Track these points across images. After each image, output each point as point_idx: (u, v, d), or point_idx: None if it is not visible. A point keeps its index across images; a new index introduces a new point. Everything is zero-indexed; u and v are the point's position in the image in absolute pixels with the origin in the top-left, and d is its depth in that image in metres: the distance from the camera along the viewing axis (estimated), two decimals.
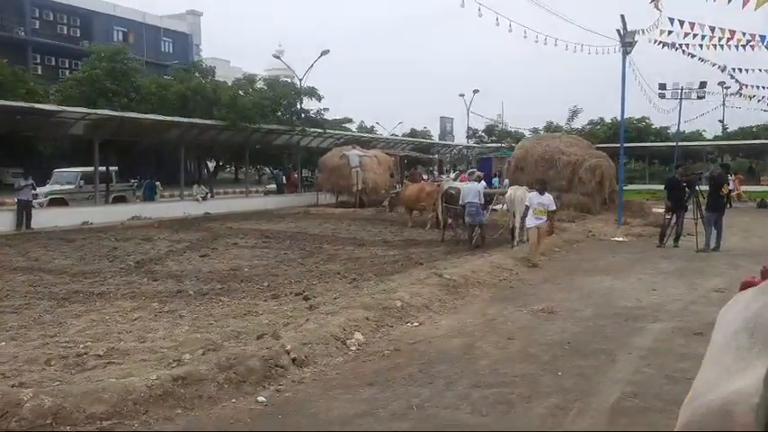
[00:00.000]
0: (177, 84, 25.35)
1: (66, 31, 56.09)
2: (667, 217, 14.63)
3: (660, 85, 34.24)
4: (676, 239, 14.68)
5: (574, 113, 45.24)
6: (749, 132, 50.44)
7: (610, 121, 52.45)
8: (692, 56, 19.13)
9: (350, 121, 73.79)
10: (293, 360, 5.56)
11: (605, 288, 9.68)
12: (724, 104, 48.62)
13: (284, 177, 34.01)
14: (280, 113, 27.24)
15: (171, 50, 65.12)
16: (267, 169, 46.41)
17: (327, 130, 30.85)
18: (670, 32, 16.49)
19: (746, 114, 69.89)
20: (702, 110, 56.09)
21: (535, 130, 47.24)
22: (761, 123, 49.26)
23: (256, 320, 7.38)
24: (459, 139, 64.82)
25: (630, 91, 27.93)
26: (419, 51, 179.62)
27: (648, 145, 44.06)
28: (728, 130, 52.69)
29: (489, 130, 56.52)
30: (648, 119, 51.55)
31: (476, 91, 50.86)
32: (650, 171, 48.96)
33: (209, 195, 25.16)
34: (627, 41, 17.46)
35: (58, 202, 22.34)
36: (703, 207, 14.13)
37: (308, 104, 34.47)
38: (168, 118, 21.57)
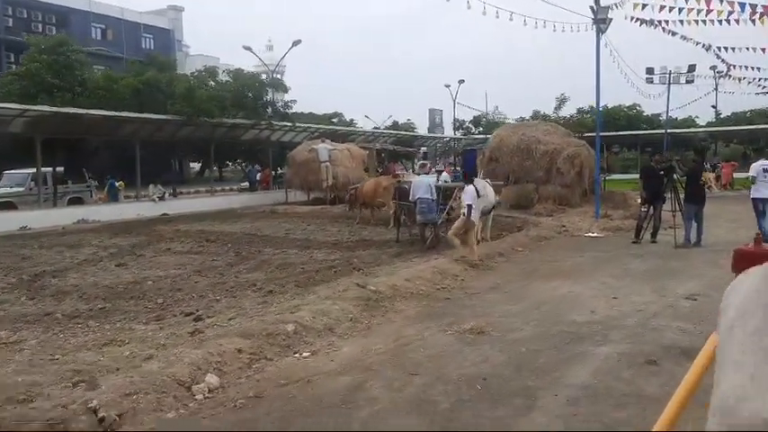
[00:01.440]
0: (128, 77, 23.89)
1: (41, 29, 54.52)
2: (643, 209, 13.24)
3: (648, 69, 32.84)
4: (654, 234, 13.30)
5: (561, 102, 43.74)
6: (743, 118, 48.95)
7: (600, 109, 50.98)
8: (673, 33, 17.69)
9: (339, 115, 72.49)
10: (100, 421, 4.16)
11: (559, 296, 8.29)
12: (716, 89, 47.00)
13: (258, 174, 32.61)
14: (246, 107, 25.69)
15: (152, 47, 63.35)
16: (241, 166, 45.03)
17: (298, 124, 29.37)
18: (644, 6, 15.05)
19: (740, 99, 68.28)
20: (694, 95, 54.76)
21: (522, 120, 45.73)
22: (755, 108, 47.75)
23: (115, 352, 5.98)
24: (450, 131, 63.38)
25: (618, 77, 26.55)
26: (412, 45, 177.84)
27: (636, 133, 42.57)
28: (722, 116, 51.17)
29: (476, 121, 55.01)
30: (639, 106, 50.15)
31: (461, 81, 49.31)
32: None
33: (166, 195, 23.72)
34: (600, 18, 16.00)
35: (7, 206, 20.95)
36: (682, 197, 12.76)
37: (288, 97, 33.12)
38: (114, 113, 20.12)
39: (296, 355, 5.83)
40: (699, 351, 1.24)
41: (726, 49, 19.27)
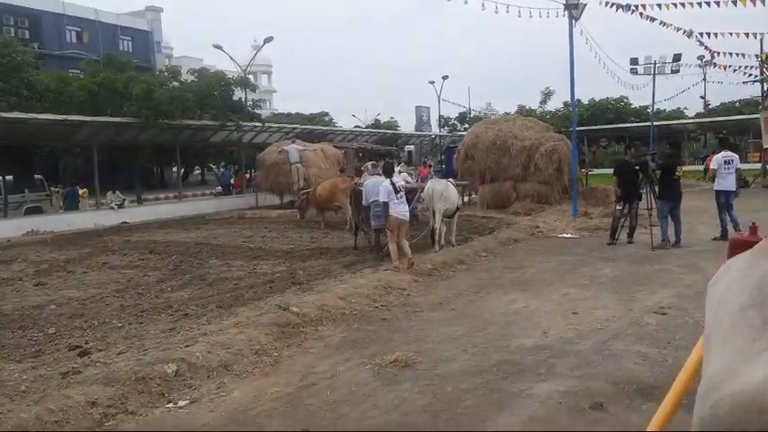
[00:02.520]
0: (80, 79, 22.74)
1: (14, 33, 53.19)
2: (618, 208, 12.23)
3: (632, 59, 31.84)
4: (631, 234, 12.29)
5: (546, 96, 42.73)
6: (732, 108, 48.11)
7: (587, 102, 50.05)
8: (652, 19, 16.68)
9: (326, 115, 71.37)
10: None
11: (512, 313, 7.26)
12: (705, 80, 46.07)
13: (232, 178, 31.52)
14: (213, 107, 24.59)
15: (130, 49, 62.03)
16: (211, 169, 43.79)
17: (271, 124, 28.30)
18: None
19: (729, 89, 67.53)
20: (682, 86, 53.92)
21: (519, 116, 44.72)
22: (744, 98, 46.84)
23: None
24: (437, 129, 62.33)
25: (603, 68, 25.56)
26: (402, 43, 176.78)
27: (620, 126, 41.58)
28: (711, 107, 50.27)
29: (462, 117, 53.94)
30: (627, 98, 49.18)
31: (445, 77, 48.29)
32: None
33: (126, 203, 22.58)
34: (572, 3, 14.96)
35: None
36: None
37: (276, 97, 31.96)
38: (63, 117, 18.93)
39: (169, 406, 4.78)
40: (657, 388, 1.03)
41: (708, 34, 18.28)
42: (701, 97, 48.94)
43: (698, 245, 11.72)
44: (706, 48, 19.71)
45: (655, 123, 39.21)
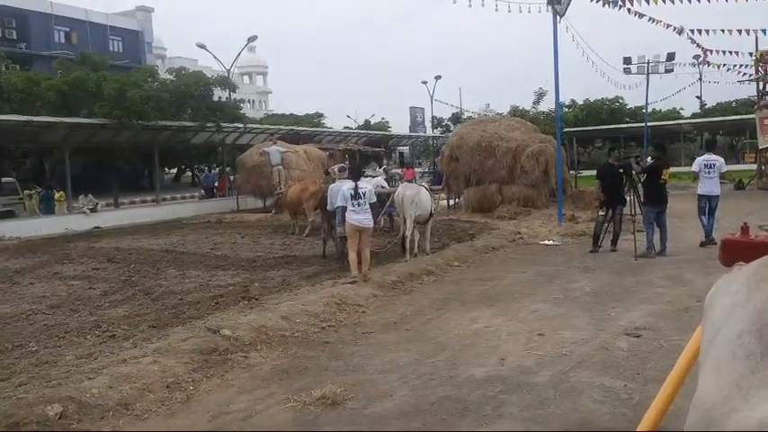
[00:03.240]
0: (49, 78, 21.99)
1: (1, 34, 52.43)
2: (601, 213, 11.51)
3: (625, 59, 31.16)
4: (614, 241, 11.58)
5: (540, 96, 41.95)
6: (729, 108, 47.37)
7: (582, 103, 49.36)
8: (640, 15, 15.97)
9: (321, 116, 70.66)
10: None
11: (471, 335, 6.53)
12: (701, 79, 45.37)
13: (216, 180, 30.75)
14: (192, 107, 23.87)
15: (120, 49, 61.28)
16: (193, 172, 42.96)
17: (255, 125, 27.58)
18: None
19: (725, 89, 66.88)
20: (676, 86, 53.25)
21: (505, 116, 44.02)
22: (740, 98, 46.14)
23: None
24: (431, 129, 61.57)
25: (591, 67, 24.84)
26: (402, 43, 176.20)
27: (615, 127, 40.85)
28: (707, 107, 49.55)
29: (455, 118, 53.22)
30: (622, 98, 48.46)
31: (438, 77, 47.65)
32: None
33: (98, 207, 21.82)
34: None
35: None
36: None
37: (247, 94, 31.19)
38: (28, 118, 18.18)
39: None
40: None
41: (700, 31, 17.56)
42: (697, 97, 48.27)
43: (685, 252, 11.01)
44: (698, 45, 18.99)
45: (649, 124, 38.52)
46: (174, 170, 51.58)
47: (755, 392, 0.88)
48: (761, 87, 26.70)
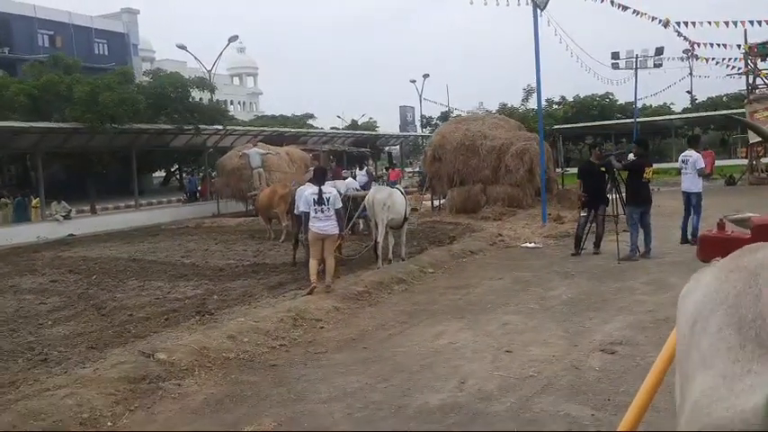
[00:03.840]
0: (18, 82, 21.35)
1: None
2: (583, 214, 10.98)
3: (613, 53, 30.63)
4: (597, 243, 11.06)
5: (528, 93, 41.36)
6: (720, 102, 46.95)
7: (572, 100, 48.88)
8: (624, 8, 15.46)
9: (311, 116, 70.02)
10: None
11: (431, 353, 5.98)
12: (691, 74, 44.94)
13: (199, 184, 30.17)
14: (170, 110, 23.26)
15: (106, 52, 60.45)
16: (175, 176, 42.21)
17: (234, 127, 26.99)
18: None
19: (716, 83, 66.60)
20: (667, 81, 52.87)
21: (489, 114, 43.52)
22: (731, 92, 45.75)
23: None
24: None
25: (588, 65, 24.36)
26: (392, 44, 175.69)
27: (604, 123, 40.37)
28: (698, 102, 49.14)
29: (444, 117, 52.64)
30: (612, 95, 47.97)
31: (426, 75, 47.16)
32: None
33: (72, 213, 21.19)
34: None
35: None
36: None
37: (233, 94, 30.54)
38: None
39: None
40: None
41: (687, 23, 17.07)
42: (688, 92, 47.84)
43: (670, 254, 10.49)
44: (685, 38, 18.51)
45: (639, 120, 38.05)
46: (164, 173, 50.85)
47: (739, 381, 0.93)
48: (750, 81, 26.25)
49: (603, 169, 10.76)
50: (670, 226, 12.89)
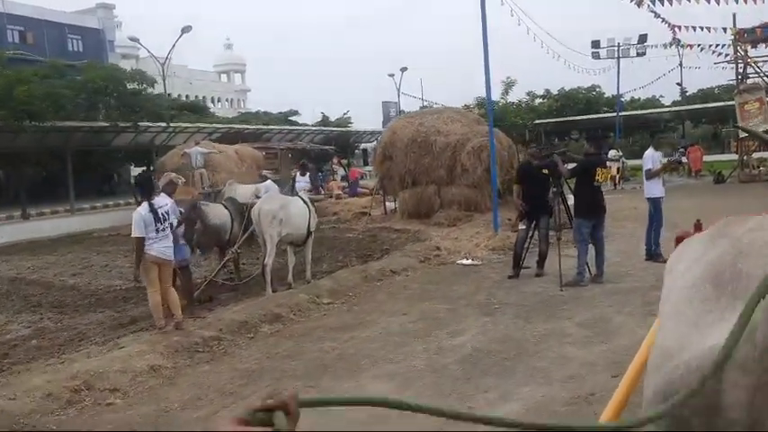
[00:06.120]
0: None
1: None
2: (522, 227, 8.96)
3: (593, 42, 28.66)
4: (540, 263, 9.03)
5: (508, 86, 39.05)
6: (711, 94, 44.88)
7: (556, 93, 46.78)
8: None
9: (296, 113, 67.88)
10: None
11: None
12: (681, 65, 42.78)
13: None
14: (108, 105, 21.21)
15: (80, 49, 58.16)
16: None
17: (182, 124, 24.94)
18: None
19: (708, 74, 64.48)
20: (656, 73, 50.81)
21: (467, 108, 41.35)
22: (722, 84, 43.64)
23: None
24: None
25: (577, 57, 22.33)
26: (382, 40, 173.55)
27: (586, 118, 38.32)
28: (688, 94, 47.06)
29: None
30: (599, 87, 45.85)
31: (404, 69, 45.05)
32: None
33: None
34: None
35: None
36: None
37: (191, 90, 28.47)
38: None
39: None
40: None
41: (662, 1, 14.98)
42: (678, 84, 45.73)
43: (629, 276, 8.49)
44: (663, 20, 16.43)
45: (626, 113, 36.10)
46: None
47: (710, 328, 0.96)
48: (741, 69, 24.24)
49: (546, 171, 8.73)
50: (637, 237, 10.85)
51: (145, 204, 6.58)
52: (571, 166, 9.15)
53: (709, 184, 23.82)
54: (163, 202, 6.76)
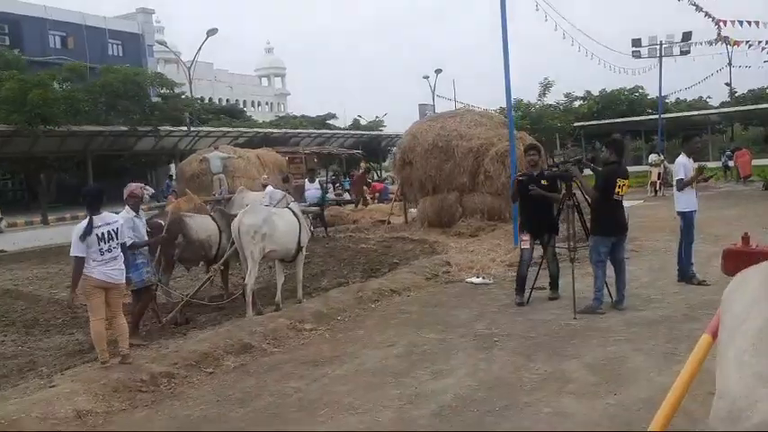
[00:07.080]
0: None
1: None
2: (525, 247, 7.91)
3: (634, 41, 27.13)
4: (553, 285, 8.01)
5: (546, 87, 37.67)
6: (762, 95, 42.53)
7: (597, 94, 45.12)
8: None
9: (333, 116, 67.68)
10: None
11: None
12: (730, 64, 40.61)
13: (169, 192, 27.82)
14: (127, 110, 20.89)
15: (120, 53, 58.99)
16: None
17: (206, 128, 24.51)
18: None
19: (760, 74, 61.39)
20: (704, 73, 48.52)
21: (501, 111, 40.12)
22: None
23: None
24: None
25: (617, 58, 21.13)
26: (426, 43, 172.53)
27: (627, 120, 36.59)
28: (737, 95, 44.70)
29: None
30: (642, 88, 43.98)
31: (438, 71, 44.06)
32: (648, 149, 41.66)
33: (3, 224, 18.94)
34: None
35: None
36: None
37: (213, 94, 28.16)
38: None
39: None
40: None
41: None
42: (726, 84, 43.47)
43: (656, 302, 7.42)
44: (706, 14, 15.13)
45: (669, 115, 34.31)
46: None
47: None
48: None
49: (546, 182, 7.68)
50: (675, 251, 9.64)
51: (84, 221, 5.85)
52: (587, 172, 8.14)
53: (758, 191, 22.19)
54: (111, 218, 6.02)
